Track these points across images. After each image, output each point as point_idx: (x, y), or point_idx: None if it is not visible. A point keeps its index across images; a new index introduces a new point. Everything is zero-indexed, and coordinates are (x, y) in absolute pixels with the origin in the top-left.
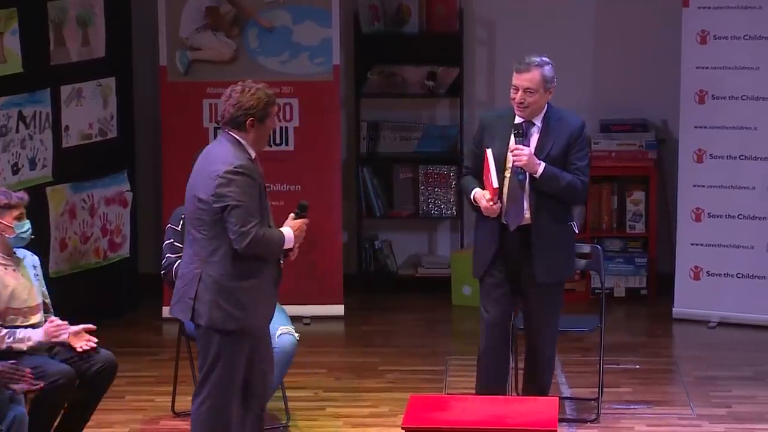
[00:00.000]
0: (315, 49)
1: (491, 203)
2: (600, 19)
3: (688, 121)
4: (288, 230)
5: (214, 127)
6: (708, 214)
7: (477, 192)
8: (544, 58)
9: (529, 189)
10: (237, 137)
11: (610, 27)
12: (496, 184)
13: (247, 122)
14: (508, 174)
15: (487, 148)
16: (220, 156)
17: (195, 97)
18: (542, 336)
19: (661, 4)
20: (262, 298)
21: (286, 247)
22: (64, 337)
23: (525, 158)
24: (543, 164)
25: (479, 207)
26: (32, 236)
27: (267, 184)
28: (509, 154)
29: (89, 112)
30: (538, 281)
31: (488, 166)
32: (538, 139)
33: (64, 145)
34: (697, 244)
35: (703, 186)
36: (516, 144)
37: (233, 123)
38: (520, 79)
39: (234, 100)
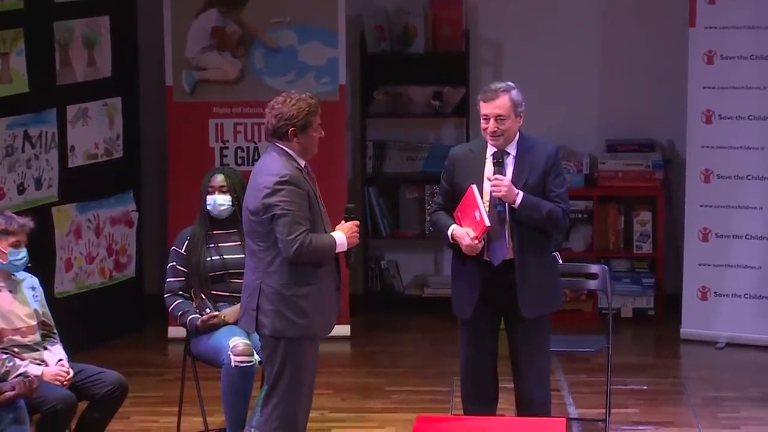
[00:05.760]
0: (321, 69)
1: (476, 241)
2: (606, 39)
3: (695, 141)
4: (340, 234)
5: (220, 147)
6: (715, 234)
7: (456, 230)
8: (509, 84)
9: (510, 221)
10: (283, 147)
11: (616, 47)
12: (488, 222)
13: (289, 132)
14: (486, 208)
15: (467, 183)
16: (268, 168)
17: (201, 117)
18: (530, 372)
19: (667, 24)
20: (323, 304)
21: (339, 250)
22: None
23: (505, 188)
24: (521, 193)
25: (455, 245)
26: (28, 264)
27: None
28: (485, 185)
29: (95, 131)
30: (524, 317)
31: (476, 202)
32: (514, 168)
33: (70, 165)
34: (704, 265)
35: (710, 206)
36: (494, 174)
37: (277, 134)
38: (489, 107)
39: (276, 110)
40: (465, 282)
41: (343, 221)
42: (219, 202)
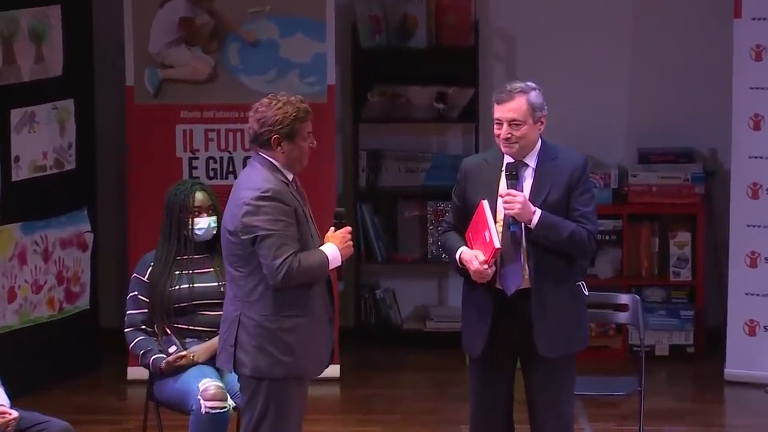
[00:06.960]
0: (306, 66)
1: (485, 266)
2: (638, 32)
3: (742, 151)
4: (331, 247)
5: (189, 158)
6: (764, 258)
7: (465, 252)
8: (529, 84)
9: (526, 244)
10: (267, 157)
11: (649, 41)
12: (498, 244)
13: (272, 140)
14: (499, 227)
15: (479, 198)
16: (248, 181)
17: (167, 122)
18: (549, 418)
19: (709, 14)
20: (312, 339)
21: (333, 266)
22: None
23: (519, 205)
24: (539, 211)
25: (465, 270)
26: None
27: None
28: (499, 202)
29: (43, 139)
30: (541, 356)
31: (486, 221)
32: (533, 182)
33: (14, 178)
34: (752, 294)
35: (758, 226)
36: (508, 188)
37: (259, 141)
38: (503, 110)
39: (259, 114)
40: (474, 313)
41: (332, 228)
42: (213, 225)
